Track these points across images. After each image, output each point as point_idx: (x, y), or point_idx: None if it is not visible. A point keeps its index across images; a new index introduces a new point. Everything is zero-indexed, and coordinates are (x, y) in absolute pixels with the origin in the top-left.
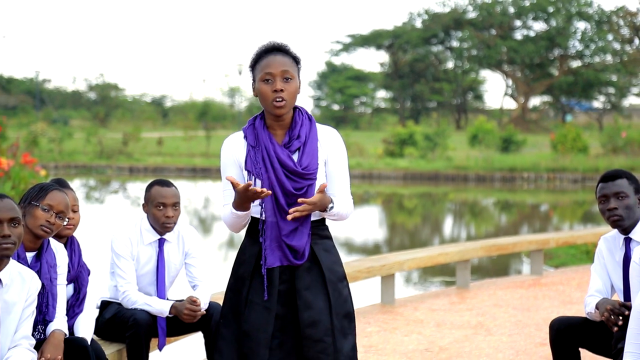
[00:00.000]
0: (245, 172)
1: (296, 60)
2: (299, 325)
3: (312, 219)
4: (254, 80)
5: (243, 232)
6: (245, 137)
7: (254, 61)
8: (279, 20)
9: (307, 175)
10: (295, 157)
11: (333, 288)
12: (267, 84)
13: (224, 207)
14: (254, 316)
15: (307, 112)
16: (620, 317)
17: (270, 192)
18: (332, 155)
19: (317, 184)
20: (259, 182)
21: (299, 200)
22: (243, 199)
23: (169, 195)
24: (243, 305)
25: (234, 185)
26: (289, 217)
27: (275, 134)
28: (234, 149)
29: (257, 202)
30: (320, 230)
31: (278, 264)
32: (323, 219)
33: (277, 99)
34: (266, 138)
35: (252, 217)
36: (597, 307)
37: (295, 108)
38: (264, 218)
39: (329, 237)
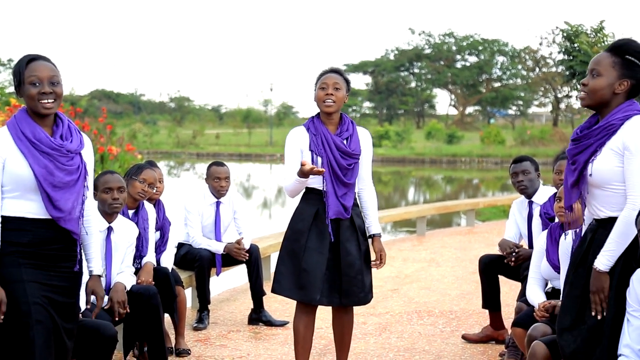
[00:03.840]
0: (309, 152)
1: (347, 81)
2: (340, 266)
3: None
4: (315, 89)
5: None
6: (308, 129)
7: (317, 78)
8: (296, 54)
9: (354, 155)
10: (345, 142)
11: (362, 241)
12: (322, 90)
13: (286, 178)
14: (311, 258)
15: (350, 118)
16: (513, 254)
17: (323, 170)
18: (365, 148)
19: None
20: (319, 159)
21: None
22: (306, 173)
23: (222, 172)
24: (302, 251)
25: (303, 165)
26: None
27: (329, 129)
28: (298, 138)
29: (319, 177)
30: (355, 201)
31: (333, 217)
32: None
33: (328, 100)
34: (324, 130)
35: (308, 188)
36: (499, 245)
37: (342, 114)
38: (324, 185)
39: (358, 206)
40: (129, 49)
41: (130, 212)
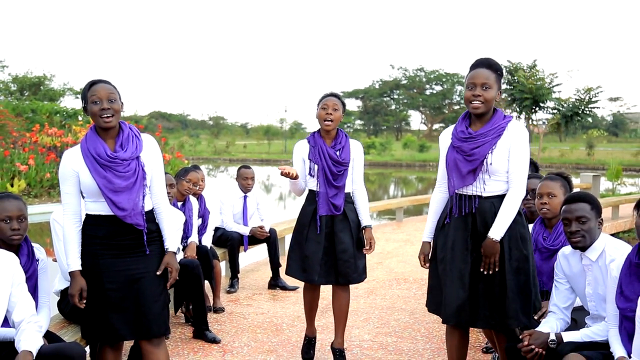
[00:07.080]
0: (308, 161)
1: (343, 103)
2: (336, 252)
3: (345, 191)
4: (317, 108)
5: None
6: (309, 142)
7: (320, 99)
8: (305, 83)
9: (343, 163)
10: (337, 153)
11: (355, 232)
12: (323, 110)
13: (290, 181)
14: (311, 247)
15: (344, 132)
16: None
17: (290, 172)
18: (356, 156)
19: (349, 171)
20: (315, 166)
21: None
22: (286, 176)
23: (249, 173)
24: (304, 240)
25: (280, 170)
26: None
27: (326, 142)
28: (300, 149)
29: (315, 178)
30: (348, 199)
31: (325, 214)
32: (349, 193)
33: (327, 119)
34: (321, 142)
35: (310, 189)
36: None
37: (338, 129)
38: (318, 187)
39: (353, 203)
40: (179, 81)
41: (179, 203)
